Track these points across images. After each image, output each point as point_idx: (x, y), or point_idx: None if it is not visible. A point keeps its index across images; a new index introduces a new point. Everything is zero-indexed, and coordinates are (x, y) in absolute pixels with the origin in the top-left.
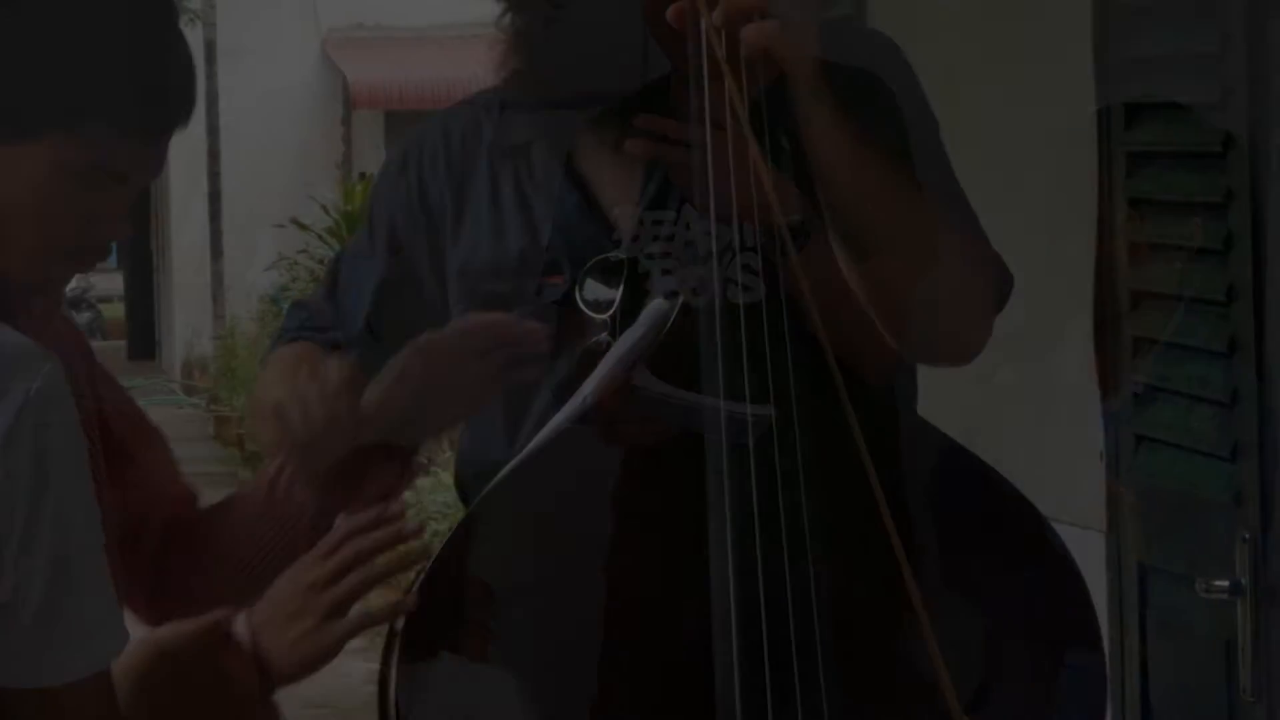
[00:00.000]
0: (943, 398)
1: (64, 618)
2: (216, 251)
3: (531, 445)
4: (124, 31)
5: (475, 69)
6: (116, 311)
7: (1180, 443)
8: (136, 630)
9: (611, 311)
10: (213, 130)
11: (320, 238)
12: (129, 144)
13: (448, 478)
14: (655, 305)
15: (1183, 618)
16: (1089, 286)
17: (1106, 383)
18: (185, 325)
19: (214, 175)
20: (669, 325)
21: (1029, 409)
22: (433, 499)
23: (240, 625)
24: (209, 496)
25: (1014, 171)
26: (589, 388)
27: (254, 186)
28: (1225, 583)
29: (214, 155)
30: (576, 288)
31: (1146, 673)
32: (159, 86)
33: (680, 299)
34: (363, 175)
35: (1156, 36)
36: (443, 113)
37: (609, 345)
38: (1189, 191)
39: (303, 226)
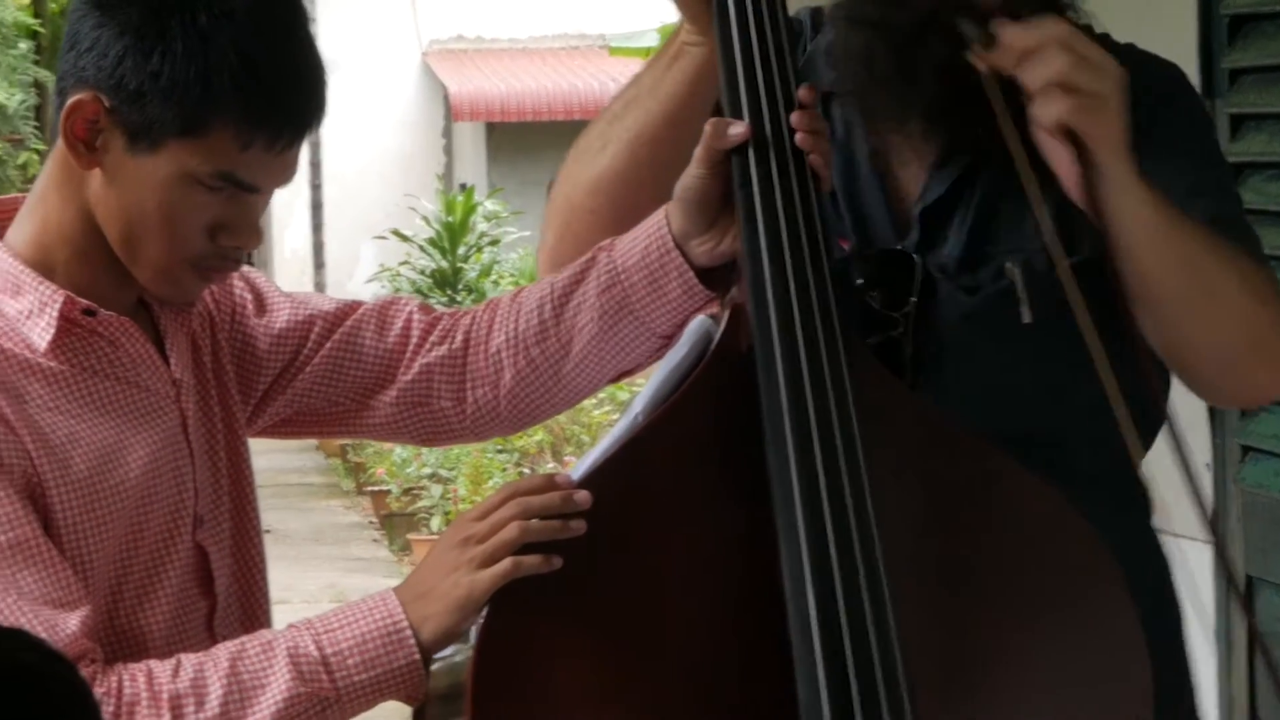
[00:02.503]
0: None
1: None
2: (319, 262)
3: (591, 466)
4: (244, 42)
5: (574, 80)
6: None
7: None
8: None
9: (905, 310)
10: (314, 141)
11: (422, 249)
12: (254, 153)
13: None
14: (700, 322)
15: None
16: None
17: None
18: None
19: (316, 186)
20: (714, 344)
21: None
22: None
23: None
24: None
25: None
26: (639, 405)
27: (356, 197)
28: None
29: (316, 166)
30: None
31: (1254, 684)
32: (283, 95)
33: (727, 315)
34: (463, 186)
35: (1262, 46)
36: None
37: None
38: None
39: (404, 238)
